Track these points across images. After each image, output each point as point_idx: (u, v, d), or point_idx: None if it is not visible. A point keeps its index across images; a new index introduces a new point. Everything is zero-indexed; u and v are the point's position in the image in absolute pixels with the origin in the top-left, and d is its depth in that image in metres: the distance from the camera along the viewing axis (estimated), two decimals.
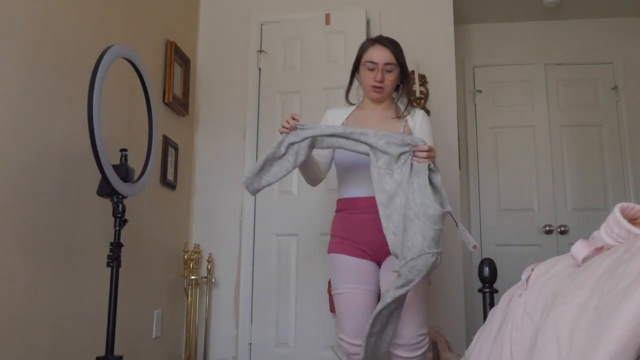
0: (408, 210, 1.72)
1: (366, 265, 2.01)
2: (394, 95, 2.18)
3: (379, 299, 1.97)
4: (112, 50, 1.86)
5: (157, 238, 2.77)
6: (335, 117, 2.15)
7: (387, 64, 2.05)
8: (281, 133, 1.88)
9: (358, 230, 2.01)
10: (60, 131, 2.00)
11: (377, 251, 1.99)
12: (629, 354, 0.72)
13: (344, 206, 2.08)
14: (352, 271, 1.99)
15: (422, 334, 1.96)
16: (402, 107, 2.15)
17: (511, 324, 1.17)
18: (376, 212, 1.79)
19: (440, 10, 3.30)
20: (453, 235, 3.06)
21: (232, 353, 3.06)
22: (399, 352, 1.93)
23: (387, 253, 1.90)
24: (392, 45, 2.07)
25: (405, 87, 2.15)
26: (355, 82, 2.19)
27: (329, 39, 3.22)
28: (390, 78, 2.07)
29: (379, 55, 2.05)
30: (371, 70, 2.06)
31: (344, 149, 1.88)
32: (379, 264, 2.04)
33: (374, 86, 2.07)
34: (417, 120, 2.12)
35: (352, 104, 2.19)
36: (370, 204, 1.89)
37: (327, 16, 3.21)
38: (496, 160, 3.84)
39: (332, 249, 2.08)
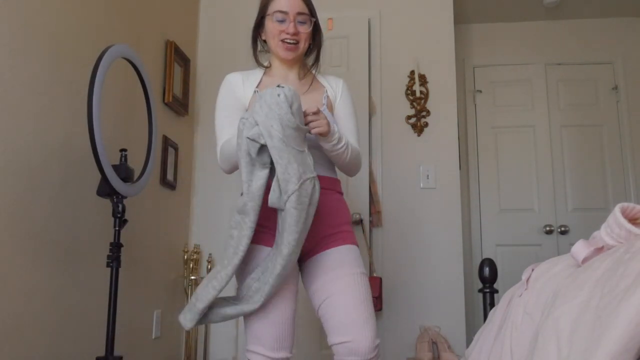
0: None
1: None
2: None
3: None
4: (112, 50, 1.86)
5: (157, 238, 2.77)
6: (245, 83, 1.73)
7: (299, 13, 1.69)
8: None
9: (274, 213, 1.52)
10: (60, 131, 1.99)
11: None
12: (630, 354, 0.72)
13: None
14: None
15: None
16: (315, 70, 1.82)
17: (511, 324, 1.18)
18: None
19: (440, 10, 3.30)
20: (453, 235, 3.08)
21: (232, 353, 3.06)
22: None
23: (312, 245, 1.59)
24: None
25: (316, 44, 1.79)
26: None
27: (332, 44, 3.19)
28: (304, 31, 1.71)
29: (289, 3, 1.68)
30: (281, 22, 1.69)
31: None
32: (302, 260, 1.65)
33: (284, 40, 1.69)
34: (337, 90, 1.80)
35: (263, 67, 1.80)
36: None
37: (330, 21, 3.20)
38: (496, 160, 3.84)
39: None
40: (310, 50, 1.81)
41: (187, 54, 3.17)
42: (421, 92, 3.20)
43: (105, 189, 1.85)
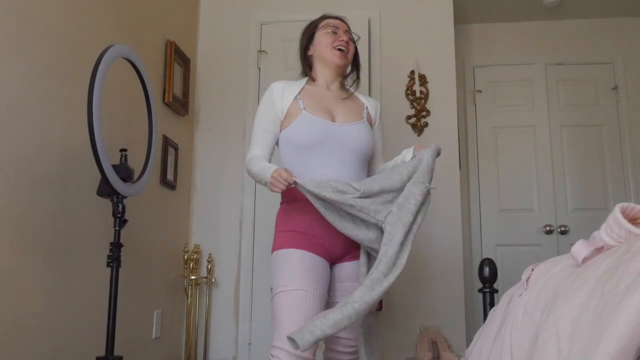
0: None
1: (323, 264, 1.76)
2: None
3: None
4: (112, 50, 1.86)
5: (157, 238, 2.77)
6: (286, 91, 1.89)
7: (347, 31, 1.98)
8: (272, 190, 1.71)
9: (314, 221, 1.76)
10: (60, 131, 1.99)
11: (329, 247, 1.78)
12: (630, 354, 0.72)
13: (300, 195, 1.72)
14: (307, 268, 1.70)
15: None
16: (354, 89, 2.04)
17: (511, 324, 1.18)
18: None
19: (440, 10, 3.30)
20: (453, 235, 3.08)
21: (232, 353, 3.06)
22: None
23: (343, 253, 1.81)
24: (346, 21, 2.03)
25: (356, 64, 2.05)
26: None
27: None
28: (352, 45, 1.98)
29: (339, 22, 1.99)
30: (333, 33, 1.94)
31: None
32: (331, 264, 1.83)
33: (337, 47, 1.91)
34: (377, 111, 2.06)
35: (310, 77, 2.00)
36: None
37: None
38: (496, 160, 3.84)
39: (280, 245, 1.79)
40: (351, 70, 2.04)
41: (187, 54, 3.17)
42: (421, 92, 3.20)
43: (105, 189, 1.85)
